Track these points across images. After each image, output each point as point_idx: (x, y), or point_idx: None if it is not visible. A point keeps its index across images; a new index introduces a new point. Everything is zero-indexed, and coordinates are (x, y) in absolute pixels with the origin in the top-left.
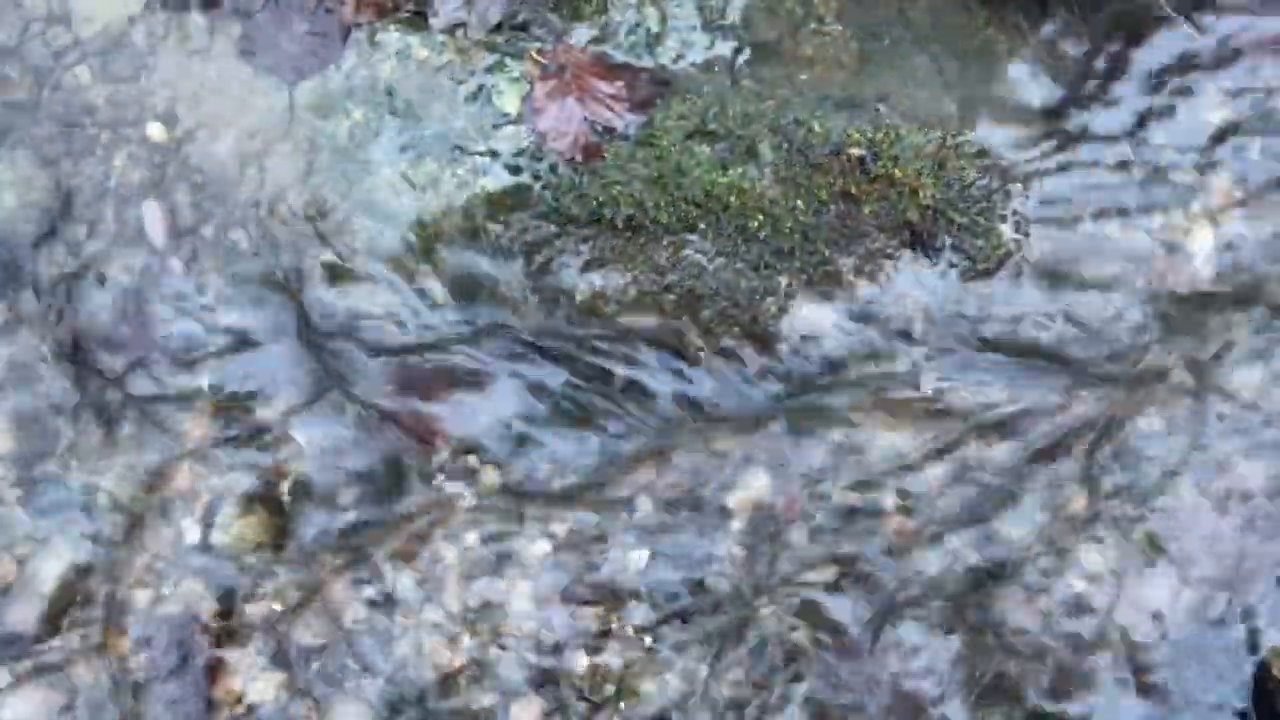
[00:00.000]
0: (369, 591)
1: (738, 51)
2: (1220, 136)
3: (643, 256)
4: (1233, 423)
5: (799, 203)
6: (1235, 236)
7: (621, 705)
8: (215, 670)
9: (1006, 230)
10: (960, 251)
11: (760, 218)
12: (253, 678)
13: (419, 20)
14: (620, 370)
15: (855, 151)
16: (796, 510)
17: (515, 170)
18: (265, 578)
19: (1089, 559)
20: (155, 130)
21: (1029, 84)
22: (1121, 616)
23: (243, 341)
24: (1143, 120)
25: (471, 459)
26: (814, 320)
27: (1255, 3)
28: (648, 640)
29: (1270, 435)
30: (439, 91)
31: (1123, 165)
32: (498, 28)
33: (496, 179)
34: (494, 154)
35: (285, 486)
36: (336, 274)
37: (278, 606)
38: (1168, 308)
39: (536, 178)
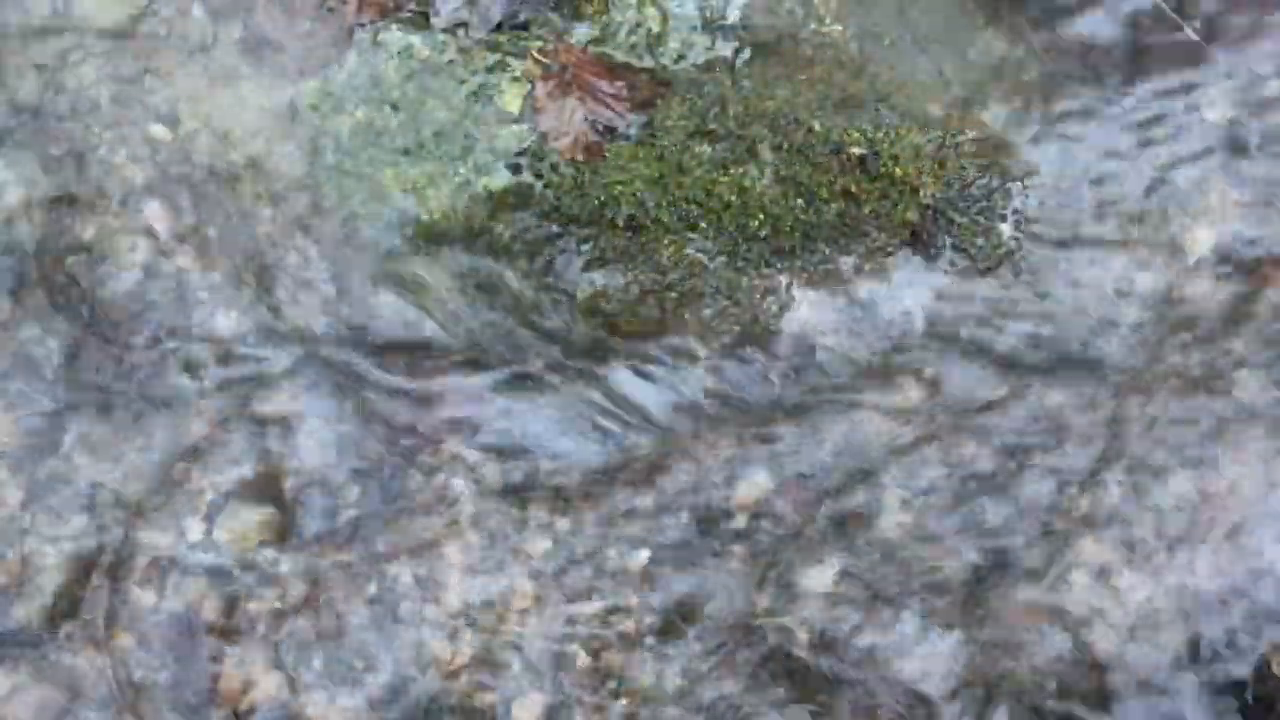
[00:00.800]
0: (371, 589)
1: (738, 51)
2: (1219, 136)
3: (644, 255)
4: (1232, 422)
5: (799, 202)
6: (1235, 236)
7: (622, 703)
8: (217, 668)
9: (1006, 229)
10: (960, 250)
11: (761, 217)
12: (254, 675)
13: (421, 20)
14: (622, 369)
15: (855, 151)
16: (797, 509)
17: (517, 169)
18: (267, 575)
19: (1091, 558)
20: (157, 130)
21: (1028, 83)
22: (1122, 614)
23: (246, 340)
24: (1142, 119)
25: (474, 456)
26: (814, 318)
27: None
28: (648, 639)
29: (1268, 435)
30: (441, 91)
31: (1122, 164)
32: (499, 27)
33: (498, 178)
34: (495, 153)
35: (288, 484)
36: (338, 273)
37: (279, 604)
38: (1167, 307)
39: (538, 177)
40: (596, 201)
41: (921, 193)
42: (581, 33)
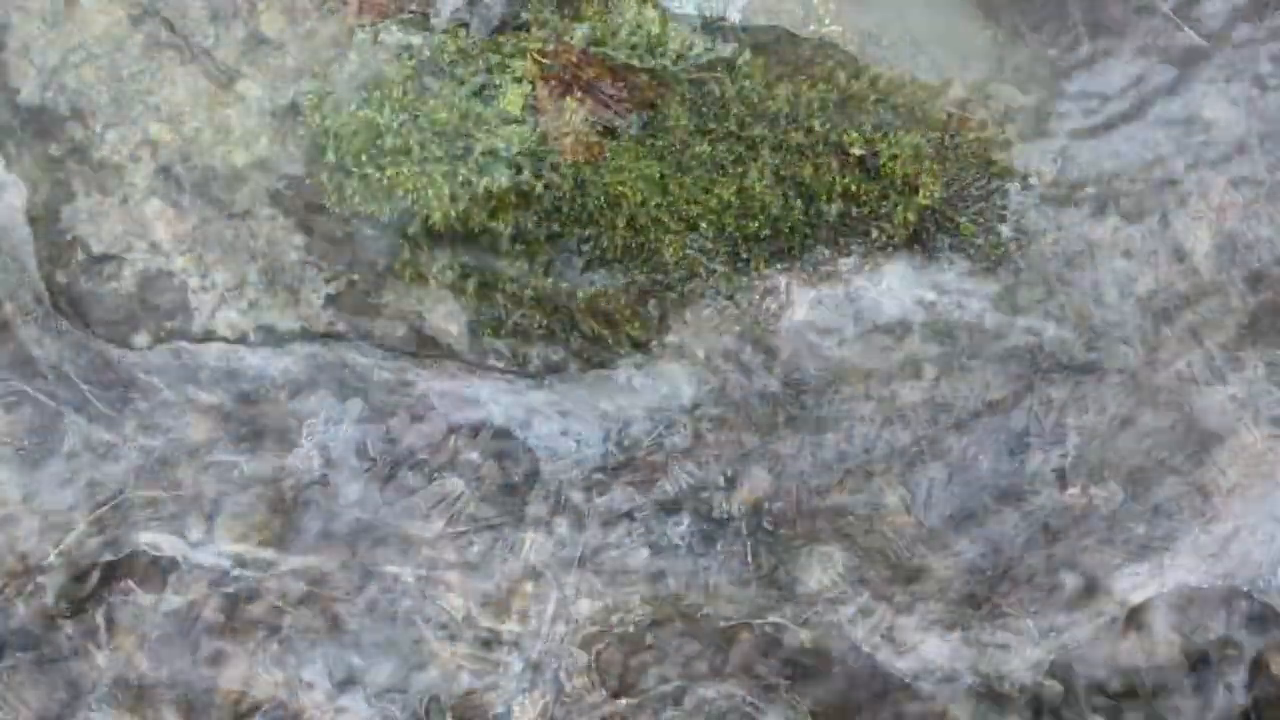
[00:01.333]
0: (371, 589)
1: (738, 51)
2: (1218, 136)
3: (644, 255)
4: (1229, 419)
5: (799, 202)
6: (1233, 235)
7: (623, 702)
8: (219, 667)
9: (1005, 229)
10: (960, 250)
11: (761, 217)
12: (255, 675)
13: (421, 20)
14: (622, 368)
15: (855, 151)
16: (797, 509)
17: (517, 170)
18: (267, 575)
19: (1091, 557)
20: (158, 130)
21: (1027, 84)
22: (1122, 615)
23: (247, 338)
24: (1141, 120)
25: (474, 455)
26: (814, 318)
27: (1251, 4)
28: (649, 638)
29: (1268, 436)
30: (441, 91)
31: (1120, 164)
32: (500, 28)
33: (498, 178)
34: (495, 153)
35: (288, 484)
36: (340, 272)
37: (279, 604)
38: (1165, 306)
39: (538, 177)
40: (596, 201)
41: (921, 193)
42: (582, 33)
